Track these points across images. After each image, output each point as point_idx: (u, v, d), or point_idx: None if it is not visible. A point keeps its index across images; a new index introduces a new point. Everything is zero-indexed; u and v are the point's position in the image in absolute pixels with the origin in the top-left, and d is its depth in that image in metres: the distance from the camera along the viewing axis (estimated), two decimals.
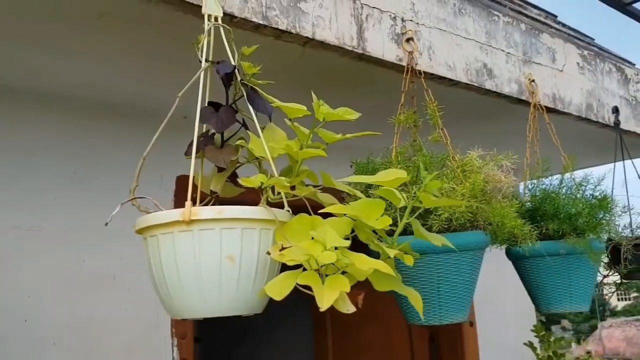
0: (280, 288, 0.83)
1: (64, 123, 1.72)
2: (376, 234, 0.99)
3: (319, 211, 0.93)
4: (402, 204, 0.95)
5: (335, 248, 0.82)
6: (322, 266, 0.82)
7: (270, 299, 0.88)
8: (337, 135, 1.01)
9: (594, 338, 15.35)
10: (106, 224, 0.91)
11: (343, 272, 0.85)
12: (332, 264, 0.82)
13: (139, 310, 1.69)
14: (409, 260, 0.91)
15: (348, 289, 0.79)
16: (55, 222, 1.64)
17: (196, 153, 1.07)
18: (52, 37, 1.33)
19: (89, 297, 1.67)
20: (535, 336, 2.83)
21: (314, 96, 0.99)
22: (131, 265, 1.57)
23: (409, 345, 3.00)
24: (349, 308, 0.82)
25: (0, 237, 1.56)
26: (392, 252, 0.87)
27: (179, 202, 1.76)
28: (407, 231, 1.31)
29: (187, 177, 0.94)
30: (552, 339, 2.76)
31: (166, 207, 0.94)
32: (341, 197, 1.14)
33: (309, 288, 0.84)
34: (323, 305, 0.76)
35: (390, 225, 0.93)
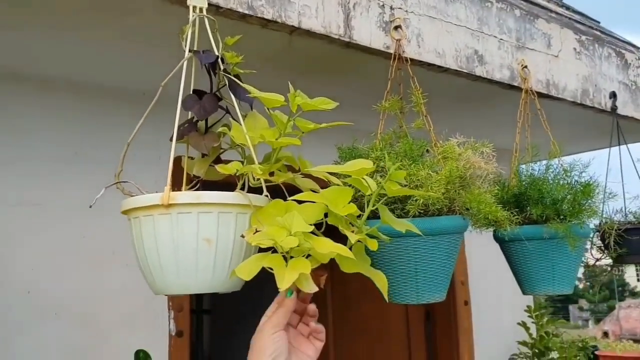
0: (249, 269, 0.89)
1: (65, 106, 1.79)
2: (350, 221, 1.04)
3: (292, 197, 0.98)
4: (370, 191, 1.00)
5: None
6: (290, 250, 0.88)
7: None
8: (311, 125, 1.06)
9: (611, 318, 15.33)
10: (90, 206, 0.98)
11: (308, 256, 0.91)
12: (297, 247, 0.88)
13: (136, 284, 1.75)
14: (372, 245, 0.97)
15: (308, 271, 0.84)
16: (57, 200, 1.73)
17: (180, 139, 1.14)
18: (52, 25, 1.39)
19: (88, 271, 1.76)
20: (529, 316, 2.89)
21: (290, 87, 1.04)
22: (129, 242, 1.65)
23: (405, 322, 3.07)
24: (312, 288, 0.88)
25: (5, 213, 1.65)
26: (354, 238, 0.92)
27: (174, 182, 1.82)
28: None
29: (178, 159, 1.00)
30: (545, 320, 2.82)
31: (162, 186, 0.99)
32: (324, 181, 1.20)
33: None
34: (282, 285, 0.82)
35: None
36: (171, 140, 1.08)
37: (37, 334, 1.65)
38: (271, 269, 0.88)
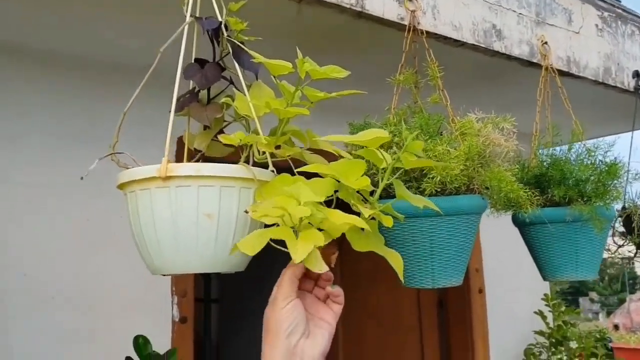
0: (253, 244, 0.81)
1: (69, 82, 1.73)
2: (363, 197, 0.97)
3: (298, 169, 0.91)
4: (384, 164, 0.92)
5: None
6: (299, 223, 0.81)
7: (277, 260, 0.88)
8: (321, 94, 0.98)
9: (622, 311, 15.18)
10: (82, 178, 0.92)
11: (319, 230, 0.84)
12: (307, 221, 0.80)
13: (139, 268, 1.69)
14: (387, 221, 0.89)
15: (322, 243, 0.77)
16: (59, 180, 1.66)
17: (181, 110, 1.07)
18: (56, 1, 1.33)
19: (89, 253, 1.69)
20: (546, 305, 2.81)
21: (298, 52, 0.96)
22: (128, 227, 1.59)
23: (417, 309, 3.00)
24: (322, 267, 0.81)
25: (6, 193, 1.59)
26: (367, 212, 0.85)
27: (178, 162, 1.76)
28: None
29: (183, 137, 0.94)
30: (562, 309, 2.73)
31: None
32: (335, 158, 1.12)
33: (284, 245, 0.82)
34: (297, 256, 0.74)
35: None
36: (170, 112, 1.02)
37: (35, 318, 1.59)
38: (277, 242, 0.81)
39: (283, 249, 0.82)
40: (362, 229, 0.93)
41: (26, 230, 1.62)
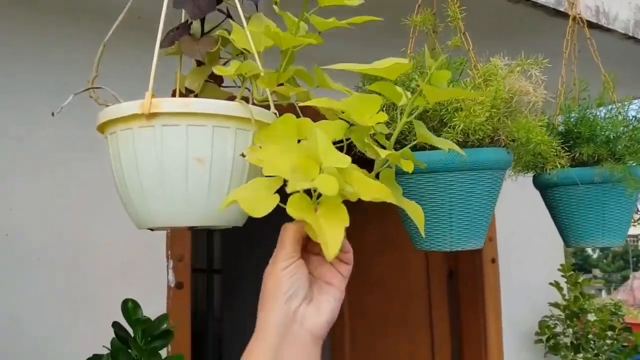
0: (264, 205, 0.66)
1: (51, 28, 1.59)
2: (377, 142, 0.84)
3: (302, 103, 0.79)
4: (403, 100, 0.79)
5: None
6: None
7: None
8: (330, 20, 0.85)
9: (624, 288, 15.22)
10: (53, 114, 0.79)
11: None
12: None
13: (132, 230, 1.59)
14: (407, 167, 0.77)
15: (347, 223, 0.63)
16: (44, 133, 1.53)
17: (170, 45, 0.95)
18: None
19: (77, 214, 1.58)
20: (562, 276, 2.70)
21: None
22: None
23: (426, 281, 2.89)
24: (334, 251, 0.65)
25: None
26: (384, 153, 0.72)
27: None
28: (417, 147, 1.16)
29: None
30: (580, 280, 2.62)
31: None
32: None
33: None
34: (330, 252, 0.60)
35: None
36: (161, 47, 0.89)
37: (18, 281, 1.48)
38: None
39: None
40: (377, 177, 0.81)
41: (7, 188, 1.50)
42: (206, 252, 4.59)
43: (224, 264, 4.77)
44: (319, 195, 0.66)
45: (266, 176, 0.71)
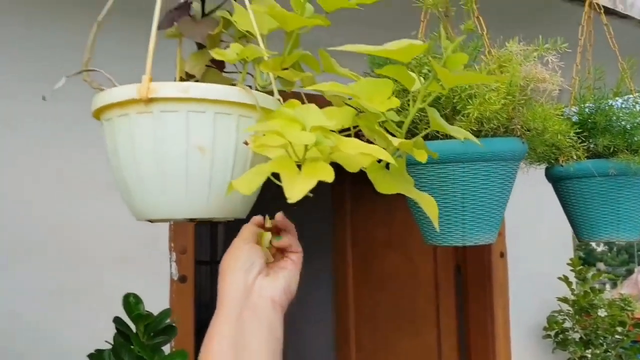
0: (249, 181, 0.65)
1: (39, 5, 1.53)
2: (386, 130, 0.79)
3: (308, 88, 0.74)
4: (417, 86, 0.74)
5: None
6: (303, 155, 0.64)
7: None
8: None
9: (629, 282, 15.18)
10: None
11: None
12: (314, 153, 0.63)
13: (133, 221, 1.55)
14: (421, 156, 0.72)
15: (331, 178, 0.60)
16: (39, 117, 1.49)
17: (169, 26, 0.90)
18: None
19: (77, 202, 1.54)
20: (572, 270, 2.65)
21: None
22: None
23: (433, 275, 2.85)
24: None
25: None
26: (396, 142, 0.67)
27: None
28: (428, 136, 1.12)
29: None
30: (590, 274, 2.58)
31: None
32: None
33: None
34: (291, 195, 0.58)
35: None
36: (159, 28, 0.85)
37: (14, 274, 1.45)
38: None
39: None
40: (387, 167, 0.76)
41: (2, 174, 1.45)
42: (209, 243, 4.56)
43: (210, 255, 4.76)
44: None
45: None
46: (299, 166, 0.65)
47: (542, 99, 1.16)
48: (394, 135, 0.77)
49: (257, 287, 0.71)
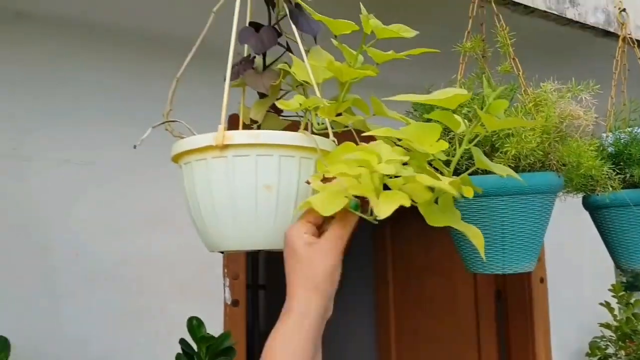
0: (326, 202, 0.74)
1: (111, 56, 1.69)
2: (435, 169, 0.88)
3: (364, 134, 0.83)
4: (462, 128, 0.83)
5: None
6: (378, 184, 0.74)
7: None
8: (388, 53, 0.90)
9: None
10: (135, 147, 0.86)
11: None
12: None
13: (191, 250, 1.67)
14: (468, 192, 0.80)
15: (408, 203, 0.69)
16: (106, 157, 1.63)
17: (236, 78, 1.01)
18: None
19: (140, 234, 1.66)
20: (613, 296, 2.65)
21: (362, 8, 0.88)
22: (184, 204, 1.55)
23: (474, 300, 2.88)
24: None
25: (50, 171, 1.57)
26: (446, 181, 0.76)
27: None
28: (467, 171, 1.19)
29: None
30: (632, 300, 2.57)
31: None
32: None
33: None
34: (382, 213, 0.67)
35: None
36: (225, 80, 0.96)
37: (87, 299, 1.57)
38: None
39: (358, 213, 0.76)
40: (436, 202, 0.85)
41: (75, 210, 1.60)
42: (251, 268, 4.66)
43: (268, 280, 4.85)
44: None
45: None
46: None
47: (577, 134, 1.23)
48: (441, 173, 0.86)
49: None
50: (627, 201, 1.36)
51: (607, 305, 2.63)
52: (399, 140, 0.85)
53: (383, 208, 0.67)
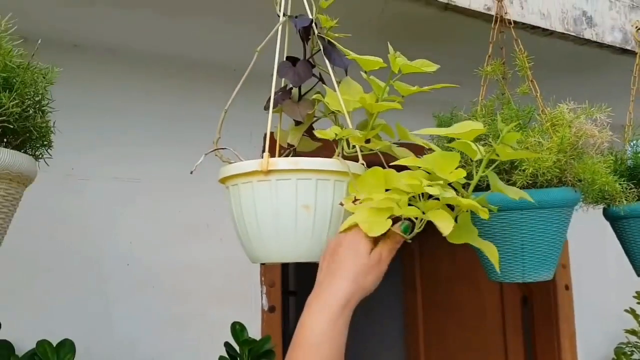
0: (373, 224, 0.85)
1: (156, 82, 1.83)
2: (454, 189, 0.98)
3: (391, 163, 0.93)
4: (478, 156, 0.92)
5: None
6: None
7: None
8: (413, 88, 1.00)
9: None
10: (191, 172, 0.98)
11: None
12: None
13: (230, 259, 1.79)
14: (483, 214, 0.89)
15: (452, 222, 0.80)
16: (152, 175, 1.77)
17: (274, 107, 1.11)
18: (146, 5, 1.42)
19: (184, 244, 1.79)
20: (638, 303, 2.68)
21: (390, 48, 0.98)
22: (223, 216, 1.66)
23: (500, 306, 2.94)
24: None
25: (103, 188, 1.70)
26: (465, 202, 0.85)
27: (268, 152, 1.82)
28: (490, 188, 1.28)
29: (273, 134, 0.99)
30: None
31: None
32: (421, 151, 1.14)
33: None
34: (447, 229, 0.80)
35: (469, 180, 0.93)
36: (266, 109, 1.07)
37: (136, 305, 1.70)
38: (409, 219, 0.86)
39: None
40: (456, 220, 0.94)
41: (124, 223, 1.73)
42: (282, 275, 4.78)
43: (298, 286, 4.96)
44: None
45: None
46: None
47: (593, 151, 1.31)
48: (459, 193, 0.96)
49: None
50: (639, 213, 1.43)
51: (632, 311, 2.67)
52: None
53: (445, 225, 0.78)
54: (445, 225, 0.79)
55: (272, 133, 1.04)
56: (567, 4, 1.58)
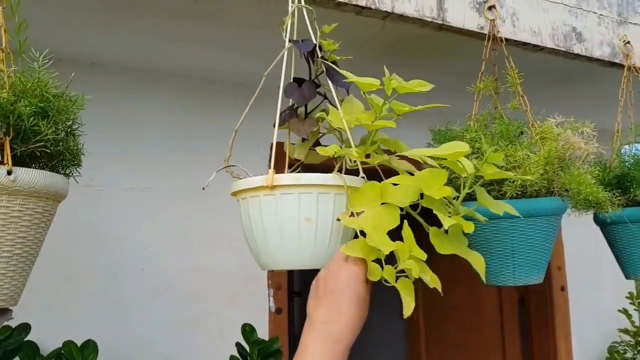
0: (382, 243, 0.94)
1: (170, 97, 1.92)
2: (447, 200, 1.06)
3: (387, 179, 1.02)
4: (465, 174, 1.01)
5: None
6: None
7: None
8: (406, 107, 1.08)
9: None
10: (203, 188, 1.06)
11: None
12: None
13: (239, 264, 1.88)
14: (468, 228, 0.98)
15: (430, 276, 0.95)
16: (166, 185, 1.86)
17: (282, 125, 1.20)
18: (159, 25, 1.51)
19: (196, 250, 1.88)
20: (630, 303, 2.76)
21: (385, 70, 1.07)
22: (232, 224, 1.76)
23: (498, 307, 3.02)
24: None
25: (120, 197, 1.80)
26: (448, 222, 0.94)
27: (277, 165, 1.90)
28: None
29: (280, 144, 1.07)
30: None
31: (261, 171, 1.06)
32: (419, 163, 1.22)
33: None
34: (407, 312, 0.92)
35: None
36: (274, 126, 1.15)
37: (152, 307, 1.80)
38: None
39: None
40: (447, 232, 1.03)
41: (140, 230, 1.82)
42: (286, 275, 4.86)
43: (302, 287, 5.04)
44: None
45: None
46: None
47: (580, 162, 1.39)
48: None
49: None
50: (626, 220, 1.51)
51: (625, 312, 2.74)
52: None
53: (407, 304, 0.92)
54: (407, 305, 0.92)
55: (278, 147, 1.13)
56: (557, 21, 1.66)
